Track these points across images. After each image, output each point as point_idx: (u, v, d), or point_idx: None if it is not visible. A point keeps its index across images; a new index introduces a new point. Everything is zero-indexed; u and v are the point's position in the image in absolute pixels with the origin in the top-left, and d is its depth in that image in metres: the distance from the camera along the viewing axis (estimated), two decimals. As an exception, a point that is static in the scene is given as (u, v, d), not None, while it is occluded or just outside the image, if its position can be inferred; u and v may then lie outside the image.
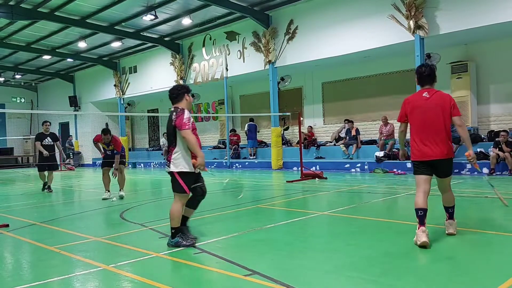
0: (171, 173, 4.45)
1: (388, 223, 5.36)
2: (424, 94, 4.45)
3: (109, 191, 8.88)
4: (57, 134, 11.48)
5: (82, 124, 24.90)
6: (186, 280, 3.46)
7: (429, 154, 4.29)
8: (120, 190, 8.89)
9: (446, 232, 4.51)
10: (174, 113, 4.40)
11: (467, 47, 12.95)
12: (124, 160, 9.17)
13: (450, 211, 4.53)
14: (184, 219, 4.60)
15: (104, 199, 8.63)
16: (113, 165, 8.79)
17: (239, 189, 10.08)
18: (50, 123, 11.20)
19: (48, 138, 10.84)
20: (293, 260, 3.97)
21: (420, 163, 4.36)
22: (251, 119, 17.83)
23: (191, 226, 5.66)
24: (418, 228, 4.14)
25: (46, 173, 10.91)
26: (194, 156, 4.45)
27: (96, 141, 9.01)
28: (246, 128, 17.69)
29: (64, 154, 11.07)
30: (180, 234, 4.44)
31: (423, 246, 4.04)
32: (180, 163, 4.41)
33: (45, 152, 10.55)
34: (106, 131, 8.76)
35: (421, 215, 4.18)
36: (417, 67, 4.66)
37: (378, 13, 12.43)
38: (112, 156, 8.84)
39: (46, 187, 10.89)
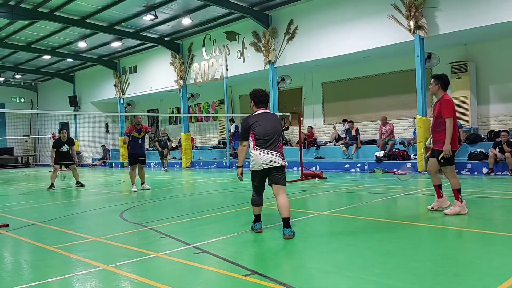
0: (283, 167, 4.86)
1: (388, 223, 5.35)
2: None
3: (135, 184, 10.06)
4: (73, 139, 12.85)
5: (82, 124, 24.91)
6: (186, 280, 3.46)
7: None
8: (143, 184, 10.28)
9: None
10: (279, 116, 5.15)
11: (466, 47, 12.96)
12: (144, 158, 10.45)
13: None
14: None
15: (134, 191, 9.76)
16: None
17: (239, 189, 10.08)
18: (66, 130, 12.29)
19: (65, 145, 11.71)
20: (293, 260, 3.97)
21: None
22: (233, 120, 18.18)
23: (191, 226, 5.67)
24: (462, 202, 5.49)
25: (58, 173, 11.95)
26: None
27: (129, 132, 10.08)
28: (233, 130, 17.83)
29: (76, 159, 12.09)
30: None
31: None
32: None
33: (56, 167, 11.53)
34: (137, 117, 10.30)
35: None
36: (443, 75, 5.80)
37: (378, 13, 12.43)
38: (141, 149, 10.17)
39: (76, 183, 11.87)
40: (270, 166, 4.76)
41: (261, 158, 4.76)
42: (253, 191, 5.02)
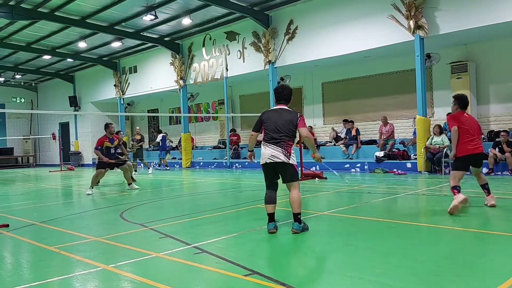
0: (287, 164, 4.83)
1: (388, 223, 5.36)
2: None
3: (93, 188, 9.79)
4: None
5: (82, 124, 24.90)
6: (186, 280, 3.46)
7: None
8: (130, 185, 10.28)
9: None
10: (298, 115, 5.00)
11: (466, 47, 12.95)
12: (120, 161, 10.43)
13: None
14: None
15: (89, 194, 9.50)
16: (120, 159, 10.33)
17: (239, 189, 10.08)
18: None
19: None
20: (293, 260, 3.97)
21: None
22: (160, 130, 18.21)
23: (191, 226, 5.67)
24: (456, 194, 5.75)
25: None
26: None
27: (101, 144, 9.92)
28: (159, 139, 17.80)
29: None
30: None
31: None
32: (294, 157, 4.96)
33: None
34: (108, 124, 10.10)
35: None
36: (463, 96, 6.17)
37: (378, 13, 12.43)
38: (114, 156, 10.10)
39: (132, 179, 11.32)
40: (272, 161, 4.83)
41: (265, 152, 4.90)
42: (266, 188, 5.06)
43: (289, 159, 4.83)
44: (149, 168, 16.46)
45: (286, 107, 5.10)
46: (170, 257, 4.08)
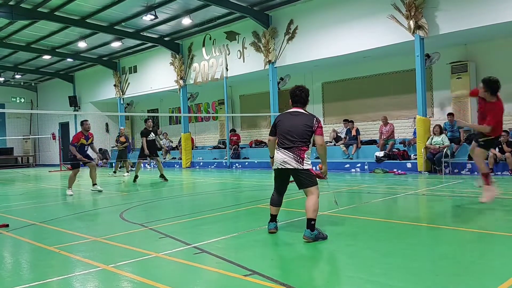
0: (300, 170, 4.62)
1: (388, 223, 5.36)
2: None
3: (71, 188, 9.80)
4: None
5: (82, 124, 24.89)
6: (186, 280, 3.46)
7: None
8: (95, 185, 10.16)
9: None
10: (314, 119, 4.71)
11: (467, 47, 12.95)
12: (90, 158, 10.37)
13: None
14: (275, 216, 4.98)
15: (70, 195, 9.52)
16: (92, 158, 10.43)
17: (239, 189, 10.08)
18: (151, 119, 13.05)
19: (152, 133, 12.43)
20: (293, 260, 3.97)
21: None
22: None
23: (191, 226, 5.67)
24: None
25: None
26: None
27: (77, 141, 9.77)
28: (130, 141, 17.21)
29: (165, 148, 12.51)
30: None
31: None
32: (309, 161, 4.71)
33: (146, 152, 12.23)
34: (83, 122, 9.85)
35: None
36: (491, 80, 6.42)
37: (378, 13, 12.43)
38: (86, 153, 10.01)
39: (160, 175, 12.33)
40: (283, 167, 4.67)
41: (277, 157, 4.72)
42: (273, 189, 5.02)
43: (302, 165, 4.59)
44: (127, 172, 15.80)
45: (302, 110, 4.83)
46: (170, 257, 4.08)
